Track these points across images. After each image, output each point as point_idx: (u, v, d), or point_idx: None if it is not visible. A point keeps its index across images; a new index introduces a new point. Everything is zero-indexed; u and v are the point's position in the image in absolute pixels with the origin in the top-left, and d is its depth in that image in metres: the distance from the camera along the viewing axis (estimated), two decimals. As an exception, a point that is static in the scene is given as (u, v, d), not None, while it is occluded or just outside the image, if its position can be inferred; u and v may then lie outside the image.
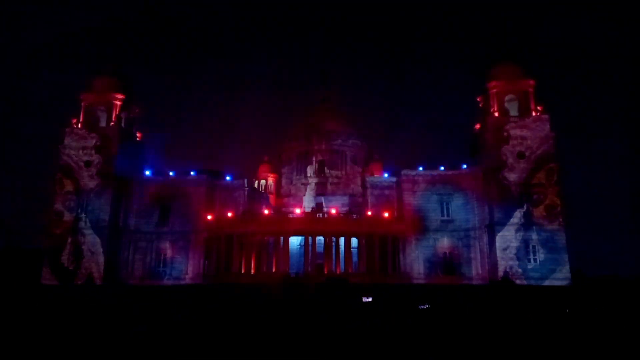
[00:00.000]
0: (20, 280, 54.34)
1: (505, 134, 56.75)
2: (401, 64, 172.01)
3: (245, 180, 65.84)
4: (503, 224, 54.55)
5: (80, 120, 62.38)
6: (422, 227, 59.09)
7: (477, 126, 62.27)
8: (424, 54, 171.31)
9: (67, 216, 58.55)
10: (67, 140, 61.13)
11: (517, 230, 54.24)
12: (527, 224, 54.31)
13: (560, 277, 52.08)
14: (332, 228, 55.62)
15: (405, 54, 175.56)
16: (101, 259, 57.23)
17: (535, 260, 53.54)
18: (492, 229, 55.20)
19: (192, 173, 63.81)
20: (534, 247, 53.79)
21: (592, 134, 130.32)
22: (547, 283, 50.76)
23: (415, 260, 58.29)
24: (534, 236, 53.91)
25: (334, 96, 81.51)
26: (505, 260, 53.59)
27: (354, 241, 56.93)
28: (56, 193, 59.73)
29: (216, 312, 26.04)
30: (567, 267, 53.21)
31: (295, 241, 59.57)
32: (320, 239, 55.70)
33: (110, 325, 19.35)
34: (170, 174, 64.36)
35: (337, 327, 19.43)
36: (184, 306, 29.34)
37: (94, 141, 60.73)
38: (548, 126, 56.98)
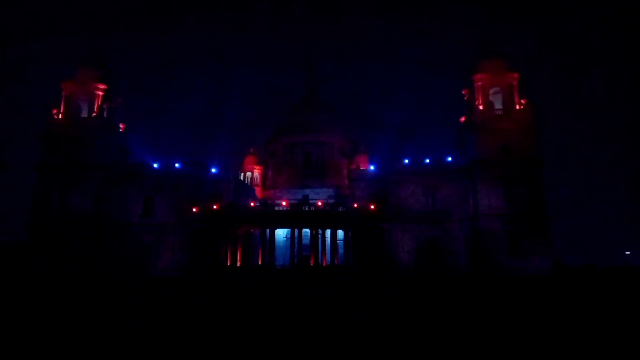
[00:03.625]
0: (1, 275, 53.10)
1: (489, 126, 57.42)
2: (387, 57, 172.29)
3: (231, 173, 65.42)
4: (487, 215, 55.36)
5: (61, 110, 60.85)
6: (407, 218, 59.68)
7: (462, 119, 62.86)
8: (410, 47, 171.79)
9: (49, 209, 57.25)
10: (47, 131, 59.62)
11: (500, 222, 55.11)
12: (510, 216, 55.18)
13: (542, 267, 53.15)
14: (318, 220, 55.70)
15: (391, 47, 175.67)
16: (84, 252, 56.22)
17: (517, 251, 54.44)
18: (476, 220, 55.97)
19: (177, 165, 63.05)
20: (516, 238, 54.67)
21: (574, 128, 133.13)
22: (529, 273, 51.72)
23: (401, 252, 58.88)
24: (517, 227, 54.78)
25: (321, 88, 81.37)
26: (489, 251, 54.47)
27: (340, 233, 57.16)
28: (37, 185, 58.35)
29: (204, 304, 25.98)
30: (549, 257, 54.37)
31: (281, 233, 59.53)
32: (306, 231, 55.79)
33: (98, 320, 19.12)
34: (155, 165, 63.45)
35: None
36: (172, 299, 29.18)
37: (75, 132, 59.38)
38: (532, 119, 57.83)
